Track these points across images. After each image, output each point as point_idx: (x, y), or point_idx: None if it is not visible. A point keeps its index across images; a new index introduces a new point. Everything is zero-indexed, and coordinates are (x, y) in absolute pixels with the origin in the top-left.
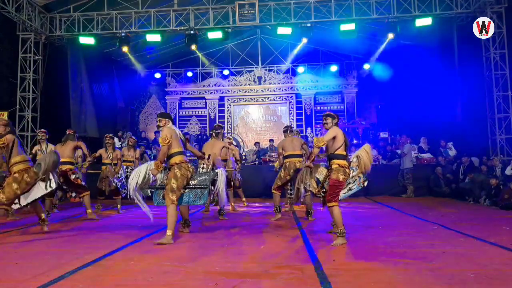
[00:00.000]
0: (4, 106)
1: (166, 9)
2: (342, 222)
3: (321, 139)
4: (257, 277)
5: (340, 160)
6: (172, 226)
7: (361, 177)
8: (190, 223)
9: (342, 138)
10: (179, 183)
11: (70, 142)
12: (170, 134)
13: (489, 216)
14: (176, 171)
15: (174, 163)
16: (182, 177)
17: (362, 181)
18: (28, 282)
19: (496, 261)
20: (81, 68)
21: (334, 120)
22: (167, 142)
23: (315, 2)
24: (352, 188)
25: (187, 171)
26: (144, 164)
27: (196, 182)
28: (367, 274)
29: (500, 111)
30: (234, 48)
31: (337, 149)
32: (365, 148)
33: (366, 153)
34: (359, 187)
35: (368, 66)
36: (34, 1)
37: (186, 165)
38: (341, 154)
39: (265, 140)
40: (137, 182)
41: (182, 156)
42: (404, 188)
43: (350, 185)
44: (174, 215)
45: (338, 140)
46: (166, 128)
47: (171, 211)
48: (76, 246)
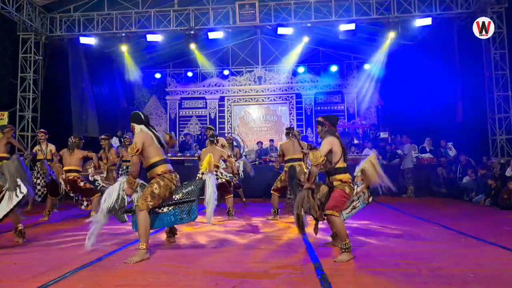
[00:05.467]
0: (4, 106)
1: (166, 9)
2: (346, 234)
3: (318, 155)
4: (257, 277)
5: (342, 175)
6: (145, 237)
7: (366, 192)
8: (175, 230)
9: (339, 148)
10: (162, 191)
11: (78, 151)
12: (141, 141)
13: (489, 216)
14: (159, 180)
15: (156, 174)
16: (166, 187)
17: (367, 196)
18: (28, 282)
19: (496, 261)
20: (81, 68)
21: (324, 127)
22: (135, 151)
23: (315, 2)
24: (356, 206)
25: (171, 183)
26: (116, 182)
27: (180, 196)
28: (367, 274)
29: (500, 111)
30: (234, 48)
31: (336, 163)
32: (370, 159)
33: (371, 165)
34: (363, 204)
35: (368, 66)
36: (34, 1)
37: (170, 175)
38: (342, 168)
39: (265, 140)
40: (109, 206)
41: (165, 165)
42: (404, 188)
43: (354, 203)
44: (146, 223)
45: (335, 153)
46: (136, 136)
47: (142, 218)
48: (76, 246)
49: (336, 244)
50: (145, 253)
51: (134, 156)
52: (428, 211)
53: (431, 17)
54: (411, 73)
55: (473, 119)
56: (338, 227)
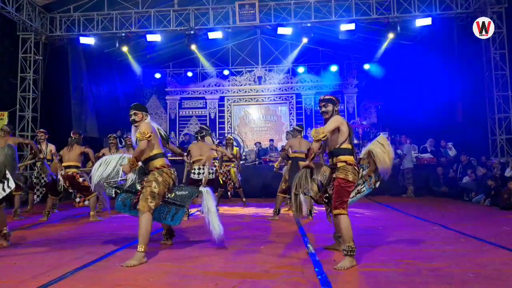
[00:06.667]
0: (4, 106)
1: (166, 9)
2: (352, 237)
3: (321, 130)
4: (257, 277)
5: (347, 156)
6: (145, 239)
7: (373, 176)
8: (173, 232)
9: (347, 129)
10: (161, 189)
11: (77, 147)
12: (150, 129)
13: (489, 216)
14: (157, 176)
15: (154, 167)
16: (164, 183)
17: (374, 181)
18: (28, 282)
19: (496, 261)
20: (81, 68)
21: (335, 107)
22: (148, 136)
23: (315, 2)
24: (362, 191)
25: (169, 178)
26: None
27: (172, 196)
28: (367, 274)
29: (500, 111)
30: (234, 48)
31: (342, 143)
32: (379, 140)
33: (381, 147)
34: (369, 189)
35: (368, 66)
36: (34, 1)
37: (169, 170)
38: (348, 149)
39: (265, 140)
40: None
41: (164, 159)
42: (404, 188)
43: (359, 186)
44: (148, 226)
45: (343, 132)
46: (145, 123)
47: (145, 220)
48: (76, 246)
49: (339, 248)
50: (143, 256)
51: (144, 141)
52: (428, 211)
53: (431, 17)
54: (411, 73)
55: (473, 119)
56: (345, 226)
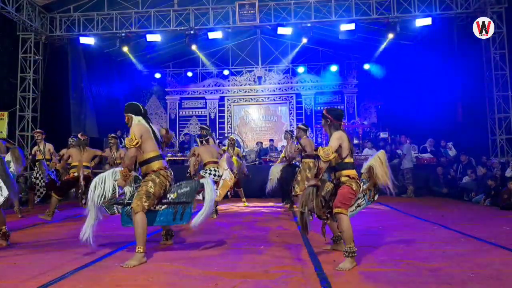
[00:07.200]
0: (4, 106)
1: (166, 9)
2: (352, 237)
3: (330, 151)
4: (257, 277)
5: (349, 170)
6: (142, 239)
7: (372, 190)
8: (172, 233)
9: (348, 143)
10: (156, 190)
11: (89, 149)
12: (139, 132)
13: (489, 216)
14: (154, 177)
15: (151, 170)
16: (161, 185)
17: (373, 194)
18: (28, 282)
19: (496, 261)
20: (81, 68)
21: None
22: (135, 143)
23: (315, 2)
24: (361, 204)
25: (166, 180)
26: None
27: (175, 196)
28: (367, 274)
29: (500, 111)
30: (234, 48)
31: (344, 158)
32: (379, 156)
33: (380, 163)
34: (369, 202)
35: (368, 66)
36: (34, 1)
37: (165, 172)
38: (350, 163)
39: (265, 140)
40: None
41: (161, 161)
42: (404, 188)
43: (359, 200)
44: (143, 224)
45: (344, 147)
46: (134, 126)
47: (140, 220)
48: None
49: (339, 249)
50: (143, 256)
51: (132, 149)
52: (428, 211)
53: (431, 17)
54: (411, 73)
55: (473, 119)
56: (346, 226)
